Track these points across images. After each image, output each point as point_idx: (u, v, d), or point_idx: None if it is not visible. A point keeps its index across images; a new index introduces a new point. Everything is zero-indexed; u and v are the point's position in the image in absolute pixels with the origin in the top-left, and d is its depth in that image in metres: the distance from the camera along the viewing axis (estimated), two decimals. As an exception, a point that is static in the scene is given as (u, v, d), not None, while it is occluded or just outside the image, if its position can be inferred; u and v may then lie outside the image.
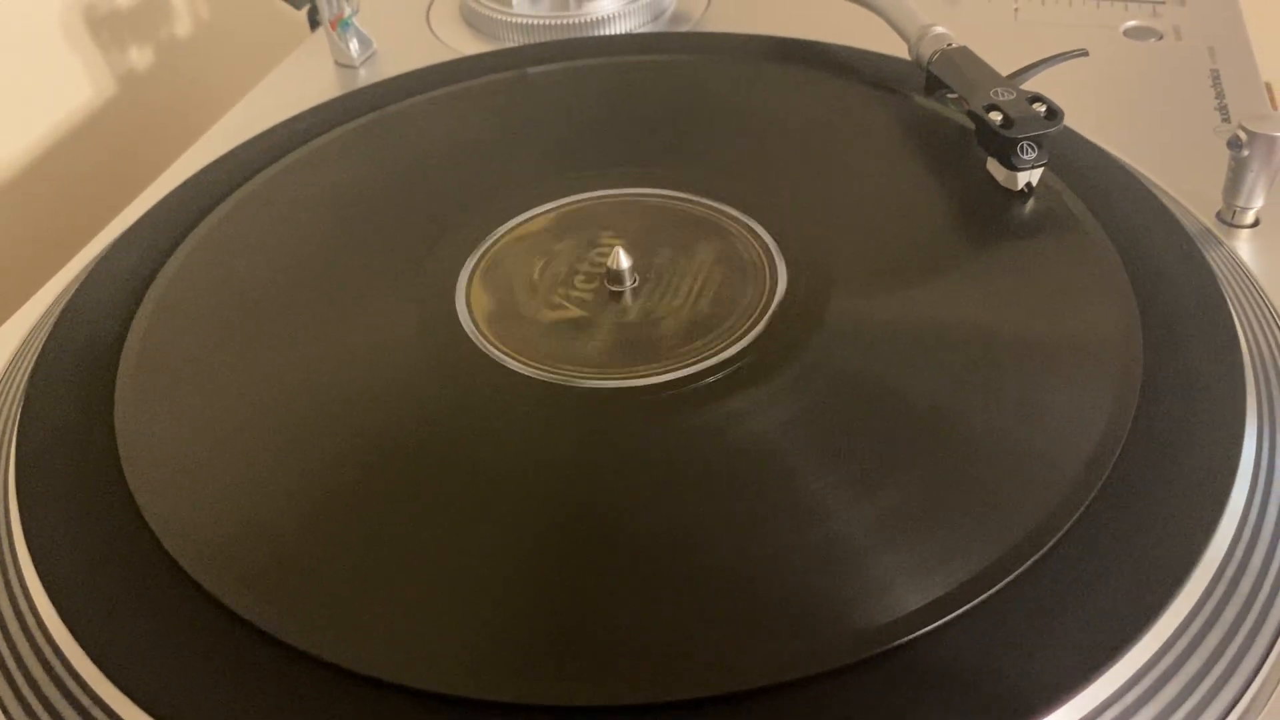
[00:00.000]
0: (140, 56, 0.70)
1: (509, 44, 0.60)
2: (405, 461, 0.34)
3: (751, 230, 0.42)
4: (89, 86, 0.67)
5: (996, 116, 0.42)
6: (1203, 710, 0.28)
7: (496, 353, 0.37)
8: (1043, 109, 0.42)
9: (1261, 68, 0.56)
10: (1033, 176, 0.42)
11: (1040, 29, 0.59)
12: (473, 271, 0.41)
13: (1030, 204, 0.42)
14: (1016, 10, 0.61)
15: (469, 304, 0.40)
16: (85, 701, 0.29)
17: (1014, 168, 0.41)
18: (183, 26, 0.73)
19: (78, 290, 0.42)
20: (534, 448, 0.34)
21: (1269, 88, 0.62)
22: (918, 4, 0.56)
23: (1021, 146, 0.41)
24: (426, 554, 0.31)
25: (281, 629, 0.29)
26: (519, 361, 0.37)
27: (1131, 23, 0.59)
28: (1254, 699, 0.29)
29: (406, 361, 0.38)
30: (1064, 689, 0.27)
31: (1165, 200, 0.44)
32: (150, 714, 0.28)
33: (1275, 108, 0.62)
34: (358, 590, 0.30)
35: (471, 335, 0.38)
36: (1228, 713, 0.28)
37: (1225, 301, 0.38)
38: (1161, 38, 0.57)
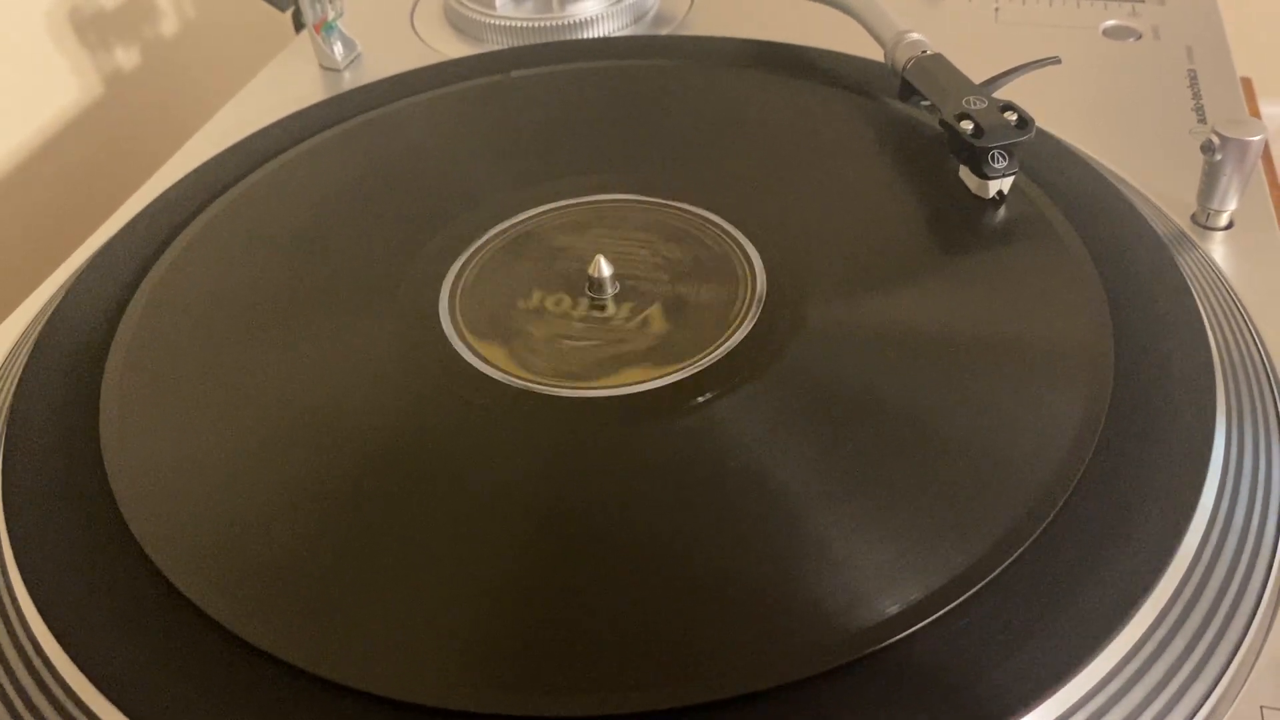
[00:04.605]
0: (127, 57, 0.70)
1: (493, 46, 0.61)
2: (389, 471, 0.34)
3: (731, 236, 0.42)
4: (76, 88, 0.67)
5: (968, 125, 0.42)
6: (1173, 707, 0.29)
7: (479, 362, 0.38)
8: (1014, 118, 0.42)
9: (1240, 61, 0.56)
10: (1004, 185, 0.42)
11: (1021, 29, 0.59)
12: (456, 280, 0.41)
13: (1005, 210, 0.42)
14: (997, 10, 0.61)
15: (452, 313, 0.40)
16: (62, 697, 0.30)
17: (985, 176, 0.42)
18: (169, 27, 0.73)
19: (64, 299, 0.43)
20: (517, 457, 0.34)
21: (1248, 83, 0.63)
22: (899, 2, 0.57)
23: (992, 155, 0.41)
24: (414, 564, 0.31)
25: (262, 638, 0.29)
26: (502, 371, 0.37)
27: (1111, 22, 0.59)
28: (1224, 692, 0.29)
29: (388, 371, 0.38)
30: (1042, 688, 0.28)
31: (1140, 203, 0.44)
32: (127, 715, 0.29)
33: (1253, 102, 0.63)
34: (344, 600, 0.30)
35: (454, 344, 0.39)
36: (1197, 709, 0.29)
37: (1196, 304, 0.38)
38: (1140, 37, 0.58)
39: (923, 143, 0.47)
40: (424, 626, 0.30)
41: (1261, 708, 0.29)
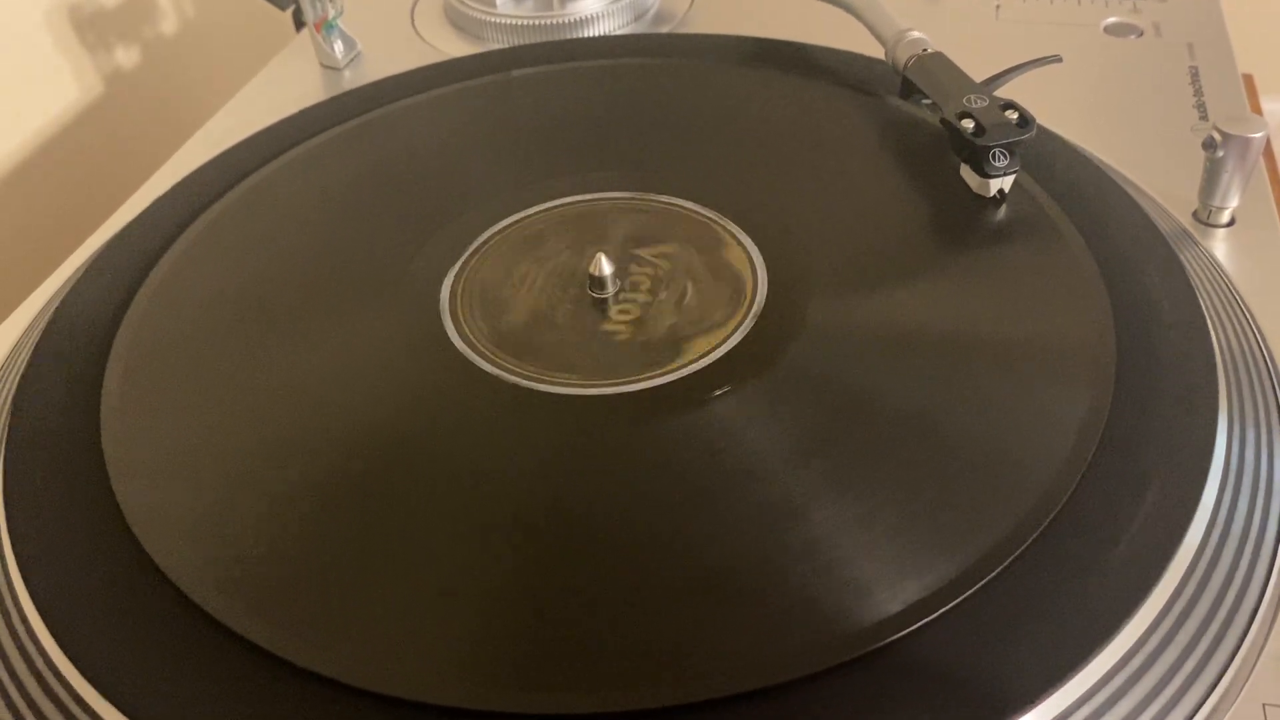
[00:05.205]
0: (127, 57, 0.70)
1: (493, 44, 0.61)
2: (391, 469, 0.34)
3: (733, 235, 0.42)
4: (76, 88, 0.67)
5: (969, 124, 0.42)
6: (1175, 704, 0.29)
7: (480, 360, 0.38)
8: (1015, 116, 0.42)
9: (1242, 58, 0.56)
10: (1005, 183, 0.42)
11: (1021, 27, 0.59)
12: (457, 277, 0.41)
13: (1006, 208, 0.42)
14: (998, 8, 0.61)
15: (453, 310, 0.40)
16: (65, 697, 0.30)
17: (986, 175, 0.41)
18: (169, 27, 0.73)
19: (65, 299, 0.43)
20: (517, 455, 0.34)
21: (1250, 79, 0.62)
22: (900, 1, 0.57)
23: (993, 154, 0.41)
24: (414, 562, 0.31)
25: (263, 637, 0.29)
26: (503, 369, 0.37)
27: (1112, 19, 0.59)
28: (1227, 690, 0.29)
29: (390, 368, 0.38)
30: (1044, 685, 0.28)
31: (1142, 200, 0.44)
32: (128, 717, 0.29)
33: (1254, 99, 0.63)
34: (345, 598, 0.31)
35: (455, 342, 0.39)
36: (1199, 706, 0.29)
37: (1199, 303, 0.38)
38: (1141, 34, 0.58)
39: (924, 141, 0.47)
40: (424, 625, 0.30)
41: (1264, 705, 0.29)
